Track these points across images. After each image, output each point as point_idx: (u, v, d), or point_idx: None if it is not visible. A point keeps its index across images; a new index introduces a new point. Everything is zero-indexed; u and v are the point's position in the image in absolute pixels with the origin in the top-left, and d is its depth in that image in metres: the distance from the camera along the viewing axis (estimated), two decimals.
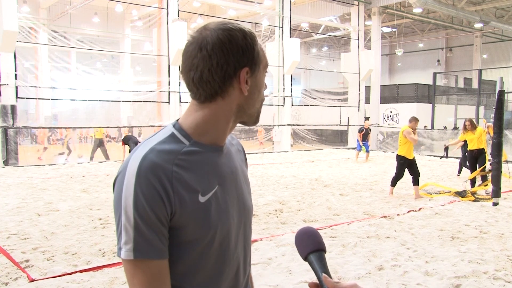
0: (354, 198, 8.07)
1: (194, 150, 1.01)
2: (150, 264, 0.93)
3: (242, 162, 1.19)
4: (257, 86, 1.05)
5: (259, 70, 1.05)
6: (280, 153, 17.91)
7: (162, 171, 0.93)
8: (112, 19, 23.92)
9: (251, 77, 1.03)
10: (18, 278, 3.98)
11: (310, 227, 1.05)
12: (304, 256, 1.00)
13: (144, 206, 0.91)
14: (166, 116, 16.84)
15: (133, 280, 0.93)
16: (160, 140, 0.99)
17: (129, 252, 0.92)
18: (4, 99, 13.15)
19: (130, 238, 0.92)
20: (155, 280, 0.93)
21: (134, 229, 0.92)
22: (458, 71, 28.15)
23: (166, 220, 0.94)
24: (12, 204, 7.33)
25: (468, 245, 5.06)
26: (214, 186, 1.02)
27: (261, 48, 1.07)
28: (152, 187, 0.92)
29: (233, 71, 1.00)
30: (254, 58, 1.03)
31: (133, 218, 0.92)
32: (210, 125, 1.03)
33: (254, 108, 1.07)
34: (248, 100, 1.04)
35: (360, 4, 21.34)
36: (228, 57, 0.99)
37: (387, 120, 22.75)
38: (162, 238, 0.94)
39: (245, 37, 1.02)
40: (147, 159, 0.94)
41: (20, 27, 13.56)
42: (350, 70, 21.66)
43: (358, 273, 4.12)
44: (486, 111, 23.01)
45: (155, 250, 0.93)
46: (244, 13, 22.93)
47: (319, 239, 1.01)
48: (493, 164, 7.50)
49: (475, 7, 23.02)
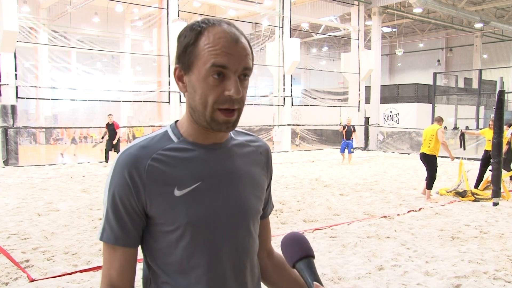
0: (354, 198, 8.07)
1: (179, 147, 1.03)
2: (114, 248, 1.01)
3: (256, 165, 1.14)
4: (192, 86, 0.99)
5: (192, 69, 0.98)
6: (280, 153, 17.90)
7: (134, 164, 0.98)
8: (112, 19, 23.90)
9: (187, 76, 1.01)
10: (18, 278, 3.98)
11: (296, 232, 1.01)
12: (292, 263, 0.97)
13: (114, 196, 0.99)
14: (166, 116, 16.84)
15: (103, 257, 1.04)
16: (151, 137, 1.05)
17: (99, 234, 1.03)
18: (4, 99, 13.15)
19: (102, 222, 1.02)
20: (116, 262, 1.01)
21: (105, 214, 1.01)
22: (458, 71, 28.12)
23: (136, 211, 1.00)
24: (12, 204, 7.34)
25: (468, 245, 5.06)
26: (196, 182, 1.02)
27: (207, 45, 0.96)
28: (123, 178, 0.98)
29: (174, 68, 1.04)
30: (182, 56, 1.00)
31: (105, 205, 1.01)
32: (186, 123, 1.06)
33: (198, 111, 0.99)
34: (189, 101, 1.02)
35: (360, 4, 21.33)
36: (175, 55, 1.05)
37: (387, 120, 22.73)
38: (126, 228, 1.00)
39: (182, 34, 1.03)
40: (125, 153, 1.01)
41: (20, 27, 13.57)
42: (350, 70, 21.66)
43: (358, 273, 4.11)
44: (486, 111, 22.99)
45: (116, 237, 1.00)
46: (244, 13, 22.91)
47: (306, 245, 0.97)
48: (493, 164, 7.50)
49: (475, 7, 23.02)
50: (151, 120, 18.32)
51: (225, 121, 0.99)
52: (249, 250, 1.10)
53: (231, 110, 0.99)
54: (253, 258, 1.13)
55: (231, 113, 0.99)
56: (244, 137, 1.16)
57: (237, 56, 0.97)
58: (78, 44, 18.61)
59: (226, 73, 0.97)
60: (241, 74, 0.99)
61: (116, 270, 1.02)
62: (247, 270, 1.10)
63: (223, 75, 0.97)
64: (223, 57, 0.96)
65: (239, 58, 0.97)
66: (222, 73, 0.97)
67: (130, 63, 24.61)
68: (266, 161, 1.18)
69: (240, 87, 0.98)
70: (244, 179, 1.09)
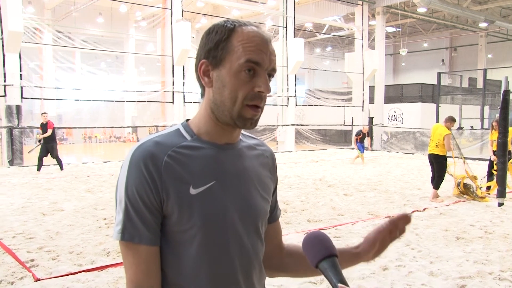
0: (358, 198, 8.05)
1: (193, 145, 1.03)
2: (138, 247, 0.97)
3: (264, 168, 1.15)
4: (221, 81, 1.00)
5: (223, 64, 0.99)
6: (284, 153, 17.90)
7: (152, 160, 0.97)
8: (116, 19, 23.98)
9: (215, 71, 1.01)
10: (23, 277, 4.00)
11: (319, 231, 0.98)
12: (315, 263, 0.93)
13: (133, 192, 0.96)
14: (170, 116, 16.87)
15: (125, 260, 0.99)
16: (163, 134, 1.04)
17: (118, 233, 0.97)
18: (9, 99, 13.22)
19: (120, 221, 0.97)
20: (142, 263, 0.97)
21: (124, 212, 0.97)
22: (463, 71, 28.01)
23: (155, 207, 0.97)
24: (17, 204, 7.37)
25: (473, 246, 5.04)
26: (210, 181, 1.01)
27: (242, 42, 0.98)
28: (141, 174, 0.96)
29: (198, 64, 1.03)
30: (213, 51, 1.00)
31: (124, 202, 0.97)
32: (202, 121, 1.06)
33: (225, 106, 1.00)
34: (215, 96, 1.01)
35: (364, 4, 21.30)
36: (200, 51, 1.03)
37: (391, 120, 22.68)
38: (148, 225, 0.97)
39: (212, 30, 1.02)
40: (141, 148, 0.99)
41: (25, 27, 13.62)
42: (354, 70, 21.63)
43: (362, 273, 4.10)
44: (491, 111, 22.86)
45: (140, 235, 0.96)
46: (248, 13, 22.92)
47: (330, 243, 0.94)
48: (499, 164, 7.47)
49: (480, 6, 22.93)
50: (155, 120, 18.37)
51: (251, 116, 1.00)
52: (258, 250, 1.11)
53: (257, 107, 1.01)
54: (261, 259, 1.13)
55: (257, 110, 1.01)
56: (251, 141, 1.17)
57: (268, 55, 1.01)
58: (82, 44, 18.67)
59: (257, 70, 0.99)
60: (268, 75, 1.02)
61: (142, 272, 0.97)
62: (255, 271, 1.10)
63: (254, 71, 0.99)
64: (258, 54, 0.99)
65: (270, 58, 1.01)
66: (253, 70, 0.99)
67: (134, 63, 24.69)
68: (272, 165, 1.20)
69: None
70: (254, 181, 1.10)
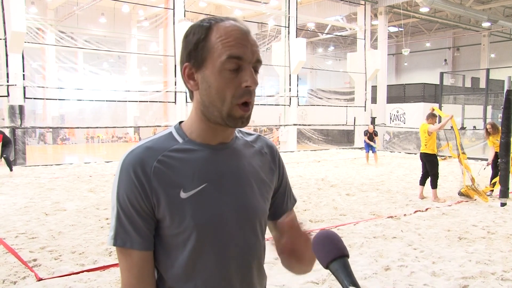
0: (360, 198, 8.04)
1: (185, 148, 1.02)
2: (130, 252, 0.98)
3: (261, 164, 1.12)
4: (206, 82, 0.98)
5: (205, 64, 0.97)
6: (286, 153, 17.88)
7: (141, 166, 0.97)
8: (119, 19, 24.01)
9: (199, 72, 0.99)
10: (26, 277, 4.01)
11: (330, 230, 0.95)
12: (326, 263, 0.89)
13: (124, 198, 0.97)
14: (172, 116, 16.88)
15: (119, 265, 1.01)
16: (155, 138, 1.04)
17: (111, 239, 0.99)
18: (12, 99, 13.26)
19: (113, 226, 0.99)
20: (134, 268, 0.99)
21: (116, 218, 0.99)
22: (466, 71, 27.92)
23: (147, 213, 0.98)
24: (20, 203, 7.39)
25: (476, 246, 5.02)
26: (202, 183, 1.00)
27: (220, 38, 0.96)
28: (131, 180, 0.97)
29: (182, 68, 1.02)
30: (194, 52, 0.99)
31: (116, 209, 0.99)
32: (194, 123, 1.05)
33: (214, 107, 0.98)
34: (203, 98, 1.00)
35: (366, 3, 21.26)
36: (182, 55, 1.03)
37: (393, 120, 22.63)
38: (140, 231, 0.98)
39: (190, 32, 1.02)
40: (131, 154, 0.99)
41: (28, 28, 13.67)
42: (356, 70, 21.59)
43: (364, 273, 4.10)
44: (494, 111, 22.81)
45: (132, 241, 0.98)
46: (250, 13, 22.94)
47: (341, 243, 0.91)
48: (501, 164, 7.45)
49: (482, 6, 22.86)
50: (157, 120, 18.38)
51: (241, 115, 0.99)
52: (256, 251, 1.09)
53: (247, 105, 0.99)
54: (260, 259, 1.11)
55: (247, 108, 0.99)
56: (248, 137, 1.15)
57: (250, 47, 0.98)
58: (85, 44, 18.71)
59: (241, 64, 0.97)
60: (253, 67, 0.99)
61: (134, 276, 0.99)
62: (254, 272, 1.09)
63: (238, 67, 0.97)
64: (238, 48, 0.96)
65: (252, 49, 0.98)
66: (238, 66, 0.97)
67: (136, 63, 24.72)
68: (272, 159, 1.16)
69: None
70: (250, 179, 1.08)
